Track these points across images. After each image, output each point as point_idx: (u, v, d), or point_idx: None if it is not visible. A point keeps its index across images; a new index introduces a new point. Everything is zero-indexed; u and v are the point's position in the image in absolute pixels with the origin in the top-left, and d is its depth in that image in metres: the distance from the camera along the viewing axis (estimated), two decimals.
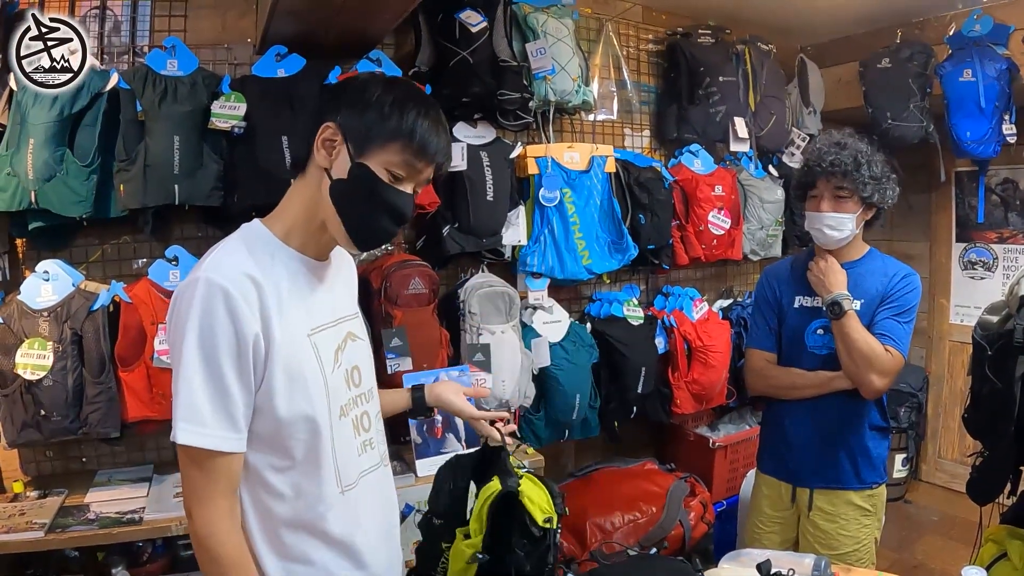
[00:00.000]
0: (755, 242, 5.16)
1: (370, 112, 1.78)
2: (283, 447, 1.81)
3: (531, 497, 2.26)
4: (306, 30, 3.22)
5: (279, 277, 1.81)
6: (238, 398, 1.70)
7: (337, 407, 1.91)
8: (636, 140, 5.01)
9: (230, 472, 1.74)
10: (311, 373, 1.83)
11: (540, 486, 2.34)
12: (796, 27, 5.46)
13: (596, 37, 4.70)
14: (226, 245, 1.83)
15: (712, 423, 5.15)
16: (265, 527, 1.84)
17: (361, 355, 2.08)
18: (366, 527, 2.00)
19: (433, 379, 3.41)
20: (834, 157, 2.99)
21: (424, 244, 3.99)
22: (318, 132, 1.81)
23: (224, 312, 1.66)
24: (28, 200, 3.01)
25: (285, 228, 1.88)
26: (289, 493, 1.84)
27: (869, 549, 3.18)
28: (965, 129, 4.80)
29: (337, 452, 1.90)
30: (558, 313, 4.28)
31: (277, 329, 1.75)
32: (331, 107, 1.82)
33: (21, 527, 2.91)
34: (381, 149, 1.78)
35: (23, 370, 3.00)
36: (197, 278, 1.68)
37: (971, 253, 5.97)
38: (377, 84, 1.83)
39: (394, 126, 1.77)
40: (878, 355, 2.92)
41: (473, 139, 3.93)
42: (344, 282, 2.12)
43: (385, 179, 1.80)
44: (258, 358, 1.73)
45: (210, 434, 1.67)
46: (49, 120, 3.03)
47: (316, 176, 1.84)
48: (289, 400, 1.78)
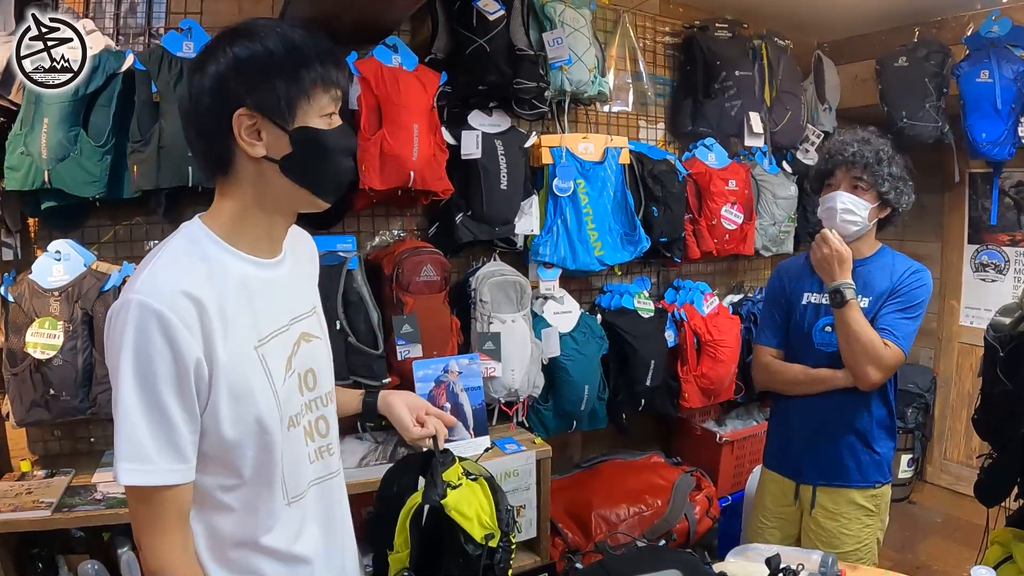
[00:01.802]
0: (767, 238, 5.15)
1: (275, 78, 1.63)
2: (231, 466, 1.70)
3: (463, 512, 2.11)
4: (322, 15, 3.20)
5: (223, 287, 1.66)
6: (183, 427, 1.58)
7: (287, 418, 1.79)
8: (650, 132, 5.01)
9: (180, 504, 1.63)
10: (259, 389, 1.70)
11: (485, 497, 2.20)
12: (813, 23, 5.44)
13: (613, 28, 4.69)
14: (163, 254, 1.66)
15: (719, 418, 5.15)
16: (213, 544, 1.74)
17: (317, 356, 1.94)
18: (315, 537, 1.91)
19: (443, 367, 3.42)
20: (856, 149, 3.00)
21: (436, 231, 3.98)
22: (232, 128, 1.63)
23: (160, 339, 1.53)
24: (42, 179, 2.99)
25: (227, 229, 1.72)
26: (237, 507, 1.74)
27: (871, 549, 3.17)
28: (981, 130, 4.77)
29: (285, 464, 1.79)
30: (569, 303, 4.27)
31: (221, 349, 1.62)
32: (228, 97, 1.62)
33: (28, 506, 2.92)
34: (308, 103, 1.67)
35: (33, 349, 2.99)
36: (129, 300, 1.54)
37: (983, 255, 5.93)
38: (245, 44, 1.63)
39: (302, 66, 1.65)
40: (877, 347, 2.92)
41: (488, 127, 3.92)
42: (301, 275, 1.97)
43: (325, 126, 1.71)
44: (201, 383, 1.60)
45: (156, 469, 1.55)
46: (64, 100, 3.01)
47: (251, 169, 1.69)
48: (236, 421, 1.66)
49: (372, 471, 3.27)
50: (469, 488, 2.17)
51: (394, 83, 3.50)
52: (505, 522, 2.18)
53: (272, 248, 1.82)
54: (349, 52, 3.48)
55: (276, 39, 1.63)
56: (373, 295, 3.53)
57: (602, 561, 2.23)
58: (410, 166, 3.47)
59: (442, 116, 3.81)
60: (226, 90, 1.62)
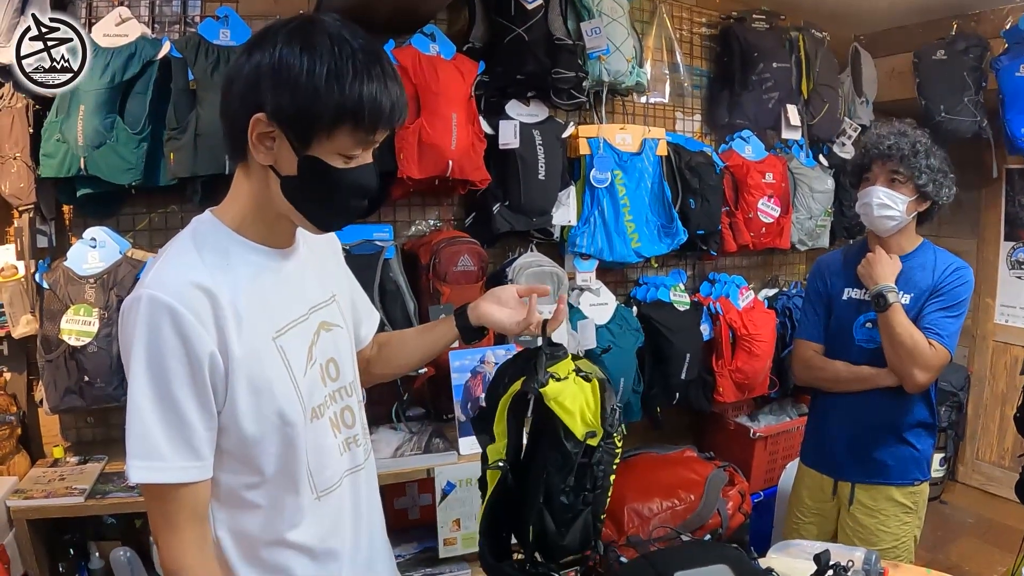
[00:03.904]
0: (803, 232, 5.11)
1: (301, 93, 1.50)
2: (253, 463, 1.67)
3: (565, 405, 1.94)
4: (360, 3, 3.20)
5: (236, 279, 1.62)
6: (197, 424, 1.55)
7: (309, 410, 1.75)
8: (687, 124, 4.98)
9: (196, 501, 1.60)
10: (279, 381, 1.67)
11: (593, 397, 2.00)
12: (851, 15, 5.38)
13: (650, 19, 4.66)
14: (173, 248, 1.64)
15: (752, 413, 5.12)
16: (243, 545, 1.72)
17: (339, 345, 1.89)
18: (346, 531, 1.88)
19: (479, 358, 3.39)
20: (893, 142, 2.96)
21: (473, 221, 3.97)
22: (249, 126, 1.55)
23: (172, 333, 1.49)
24: (77, 167, 3.00)
25: (238, 220, 1.68)
26: (264, 504, 1.71)
27: (908, 547, 3.14)
28: (1020, 125, 4.72)
29: (310, 458, 1.75)
30: (605, 296, 4.26)
31: (236, 342, 1.58)
32: (254, 92, 1.54)
33: (60, 492, 2.93)
34: (328, 136, 1.54)
35: (68, 336, 2.99)
36: (140, 295, 1.51)
37: (1019, 252, 5.87)
38: (296, 50, 1.52)
39: (336, 103, 1.50)
40: (922, 349, 2.88)
41: (526, 117, 3.90)
42: (317, 263, 1.90)
43: (340, 165, 1.59)
44: (217, 377, 1.56)
45: (168, 467, 1.52)
46: (100, 87, 3.02)
47: (260, 172, 1.62)
48: (256, 415, 1.63)
49: (407, 461, 3.28)
50: (577, 385, 1.99)
51: (432, 72, 3.49)
52: (609, 422, 2.00)
53: (285, 237, 1.77)
54: (387, 41, 3.47)
55: (328, 61, 1.51)
56: (409, 284, 3.54)
57: (647, 555, 2.18)
58: (448, 155, 3.45)
59: (480, 106, 3.78)
60: (256, 87, 1.54)
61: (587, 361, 2.08)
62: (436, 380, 3.61)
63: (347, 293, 2.04)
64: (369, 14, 3.27)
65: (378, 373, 2.27)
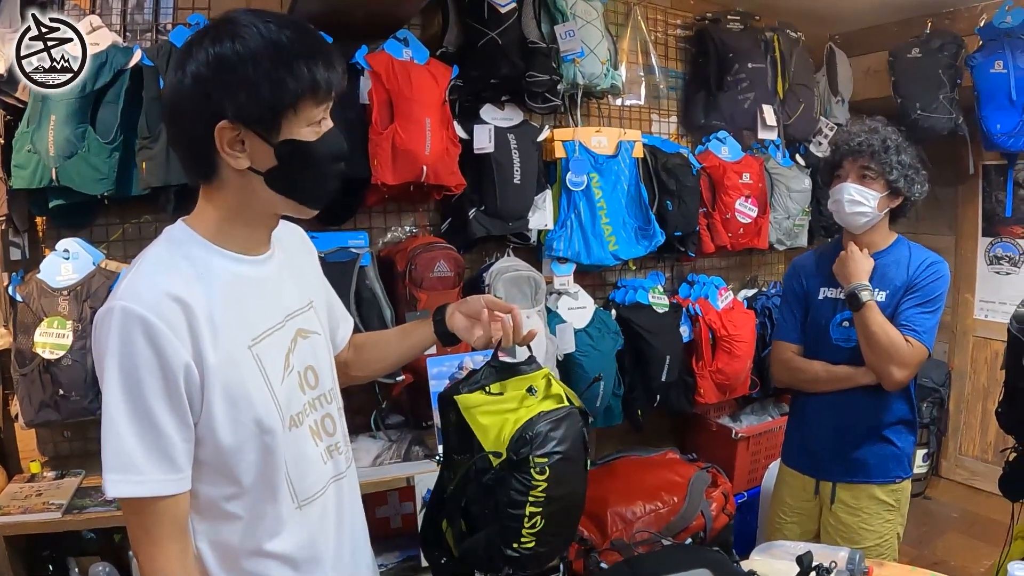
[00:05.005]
0: (781, 231, 5.12)
1: (260, 89, 1.52)
2: (231, 474, 1.65)
3: (477, 418, 1.97)
4: (333, 8, 3.19)
5: (211, 288, 1.60)
6: (174, 436, 1.53)
7: (288, 418, 1.73)
8: (663, 126, 4.99)
9: (175, 513, 1.58)
10: (256, 391, 1.66)
11: (515, 422, 1.92)
12: (825, 15, 5.40)
13: (624, 21, 4.66)
14: (146, 259, 1.63)
15: (734, 413, 5.13)
16: (224, 557, 1.70)
17: (317, 352, 1.88)
18: (329, 540, 1.87)
19: (457, 364, 3.38)
20: (863, 138, 2.98)
21: (449, 227, 3.96)
22: (214, 140, 1.55)
23: (145, 345, 1.48)
24: (49, 177, 2.97)
25: (212, 229, 1.66)
26: (244, 515, 1.69)
27: (892, 545, 3.15)
28: (995, 121, 4.75)
29: (290, 466, 1.73)
30: (583, 299, 4.24)
31: (211, 352, 1.57)
32: (207, 104, 1.53)
33: (38, 508, 2.92)
34: (295, 115, 1.57)
35: (42, 349, 2.96)
36: (112, 307, 1.50)
37: (997, 248, 5.89)
38: (228, 47, 1.52)
39: (293, 88, 1.54)
40: (898, 346, 2.89)
41: (501, 121, 3.89)
42: (293, 269, 1.89)
43: (313, 137, 1.61)
44: (192, 388, 1.55)
45: (145, 480, 1.51)
46: (71, 97, 2.99)
47: (235, 179, 1.62)
48: (233, 425, 1.61)
49: (387, 469, 3.28)
50: (520, 403, 1.98)
51: (405, 77, 3.47)
52: (518, 451, 1.89)
53: (261, 243, 1.77)
54: (360, 47, 3.45)
55: (260, 39, 1.53)
56: (386, 291, 3.51)
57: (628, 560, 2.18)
58: (423, 160, 3.44)
59: (454, 110, 3.77)
60: (207, 98, 1.53)
61: (572, 392, 2.06)
62: (414, 387, 3.57)
63: (323, 297, 2.04)
64: (343, 19, 3.25)
65: (356, 375, 2.28)
